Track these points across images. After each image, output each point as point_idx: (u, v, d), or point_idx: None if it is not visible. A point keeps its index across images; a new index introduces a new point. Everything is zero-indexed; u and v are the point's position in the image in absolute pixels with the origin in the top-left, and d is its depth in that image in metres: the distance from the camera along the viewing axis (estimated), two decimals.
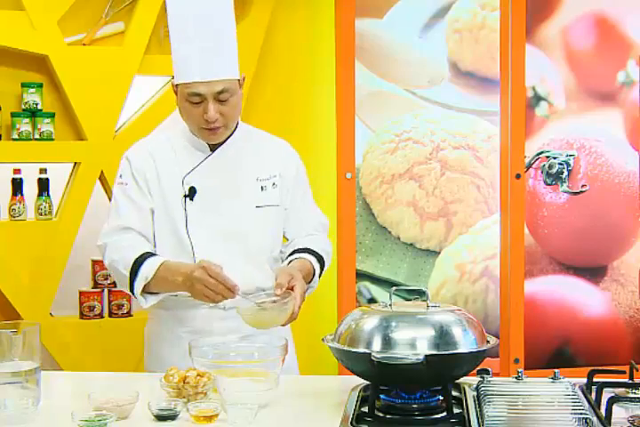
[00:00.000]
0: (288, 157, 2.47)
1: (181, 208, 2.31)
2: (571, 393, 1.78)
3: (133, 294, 2.25)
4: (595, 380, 1.90)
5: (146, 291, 2.24)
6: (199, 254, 2.27)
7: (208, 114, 2.23)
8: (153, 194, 2.32)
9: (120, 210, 2.32)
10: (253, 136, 2.44)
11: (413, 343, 1.76)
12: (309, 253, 2.37)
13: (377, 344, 1.78)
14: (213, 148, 2.35)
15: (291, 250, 2.41)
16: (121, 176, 2.35)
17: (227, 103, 2.24)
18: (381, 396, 1.83)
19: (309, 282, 2.34)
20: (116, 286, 3.54)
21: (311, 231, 2.47)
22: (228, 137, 2.35)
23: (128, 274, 2.22)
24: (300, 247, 2.39)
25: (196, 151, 2.35)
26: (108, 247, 2.29)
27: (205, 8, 2.22)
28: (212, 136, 2.30)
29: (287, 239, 2.47)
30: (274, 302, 2.14)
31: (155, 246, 2.33)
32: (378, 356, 1.73)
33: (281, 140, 2.50)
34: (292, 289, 2.16)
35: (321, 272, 2.40)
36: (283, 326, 2.19)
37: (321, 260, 2.39)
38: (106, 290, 3.52)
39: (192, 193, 2.31)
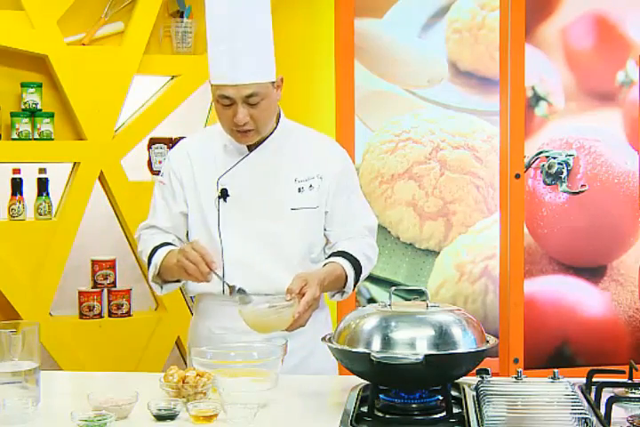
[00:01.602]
0: (331, 157, 2.38)
1: (215, 209, 2.30)
2: (570, 393, 1.78)
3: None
4: (594, 380, 1.90)
5: (163, 279, 2.31)
6: (229, 255, 2.27)
7: (237, 117, 2.19)
8: (188, 196, 2.34)
9: (155, 208, 2.39)
10: (296, 135, 2.37)
11: (413, 343, 1.76)
12: (344, 256, 2.30)
13: (376, 344, 1.77)
14: (252, 148, 2.31)
15: (329, 253, 2.35)
16: (162, 175, 2.40)
17: (257, 107, 2.20)
18: (381, 396, 1.83)
19: (343, 287, 2.30)
20: (115, 286, 3.54)
21: (354, 234, 2.37)
22: (267, 136, 2.31)
23: (147, 263, 2.32)
24: (336, 251, 2.33)
25: (234, 152, 2.32)
26: (140, 240, 2.40)
27: (242, 9, 2.18)
28: (243, 138, 2.26)
29: (331, 242, 2.39)
30: (274, 306, 2.10)
31: None
32: (377, 356, 1.73)
33: (326, 139, 2.44)
34: (303, 295, 2.11)
35: (358, 277, 2.32)
36: (288, 331, 2.14)
37: (356, 264, 2.31)
38: (105, 290, 3.52)
39: (224, 194, 2.29)
